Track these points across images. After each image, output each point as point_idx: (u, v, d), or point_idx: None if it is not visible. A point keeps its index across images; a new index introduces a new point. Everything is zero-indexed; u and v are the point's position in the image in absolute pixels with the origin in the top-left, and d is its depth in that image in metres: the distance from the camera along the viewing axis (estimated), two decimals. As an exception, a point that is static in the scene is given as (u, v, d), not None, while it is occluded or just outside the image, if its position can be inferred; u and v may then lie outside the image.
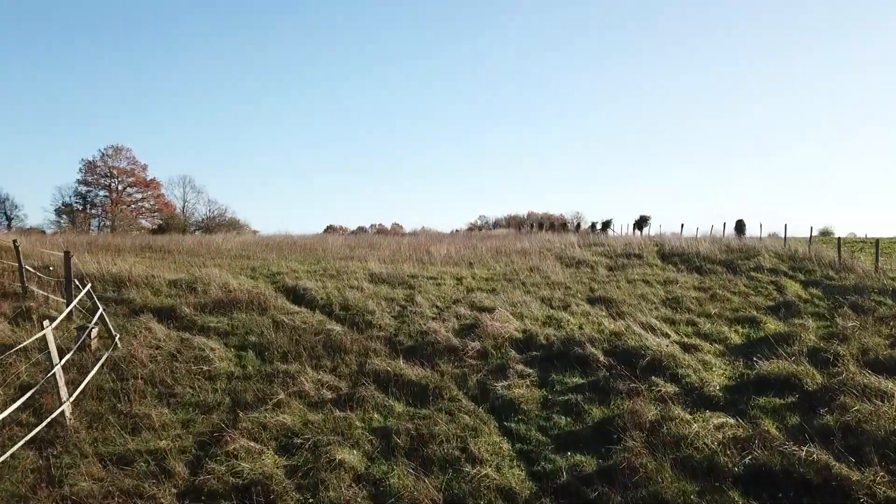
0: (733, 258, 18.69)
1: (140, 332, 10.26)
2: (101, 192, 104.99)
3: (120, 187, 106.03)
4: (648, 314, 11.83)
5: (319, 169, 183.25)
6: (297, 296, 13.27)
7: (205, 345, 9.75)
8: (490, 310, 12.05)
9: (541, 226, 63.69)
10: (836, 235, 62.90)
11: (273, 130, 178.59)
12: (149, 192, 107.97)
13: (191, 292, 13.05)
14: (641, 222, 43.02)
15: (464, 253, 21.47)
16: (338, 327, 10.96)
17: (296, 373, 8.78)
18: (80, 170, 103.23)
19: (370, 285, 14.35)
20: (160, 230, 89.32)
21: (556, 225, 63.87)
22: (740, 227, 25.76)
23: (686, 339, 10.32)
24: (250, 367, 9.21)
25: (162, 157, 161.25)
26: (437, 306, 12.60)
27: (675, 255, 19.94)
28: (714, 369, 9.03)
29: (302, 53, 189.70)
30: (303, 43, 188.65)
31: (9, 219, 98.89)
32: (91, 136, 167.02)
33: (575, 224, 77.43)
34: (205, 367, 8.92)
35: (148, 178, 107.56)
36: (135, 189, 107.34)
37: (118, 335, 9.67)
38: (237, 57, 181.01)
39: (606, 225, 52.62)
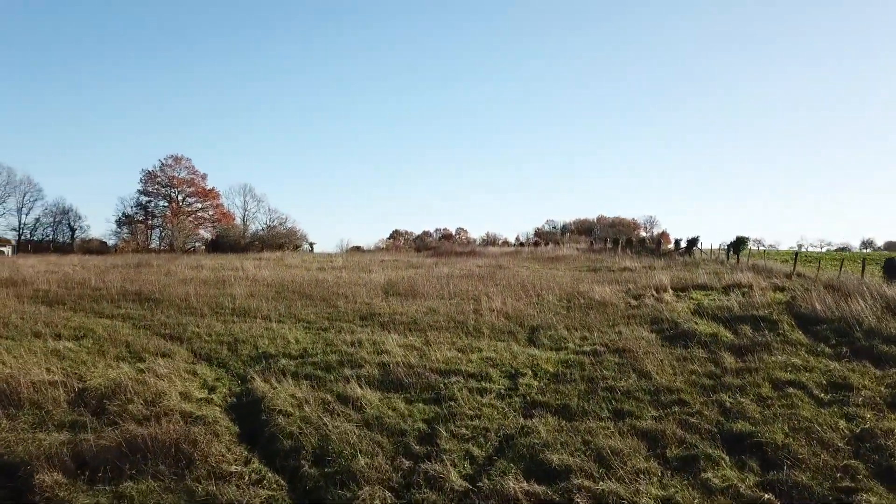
0: (916, 332, 12.87)
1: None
2: (162, 202, 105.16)
3: (180, 197, 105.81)
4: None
5: (387, 171, 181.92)
6: (256, 425, 8.56)
7: None
8: (562, 475, 7.01)
9: (615, 241, 57.38)
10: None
11: (340, 135, 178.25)
12: (208, 202, 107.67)
13: (97, 417, 8.53)
14: (738, 244, 36.62)
15: (524, 309, 16.37)
16: (288, 526, 6.16)
17: None
18: (141, 180, 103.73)
19: (376, 395, 9.49)
20: (215, 244, 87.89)
21: (633, 241, 57.45)
22: (892, 268, 19.47)
23: None
24: None
25: (222, 166, 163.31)
26: (471, 457, 7.60)
27: (820, 322, 14.22)
28: None
29: (370, 59, 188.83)
30: (369, 49, 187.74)
31: (72, 230, 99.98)
32: (155, 145, 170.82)
33: (653, 237, 70.60)
34: None
35: (207, 188, 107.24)
36: (194, 199, 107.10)
37: None
38: (299, 65, 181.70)
39: (693, 243, 46.21)
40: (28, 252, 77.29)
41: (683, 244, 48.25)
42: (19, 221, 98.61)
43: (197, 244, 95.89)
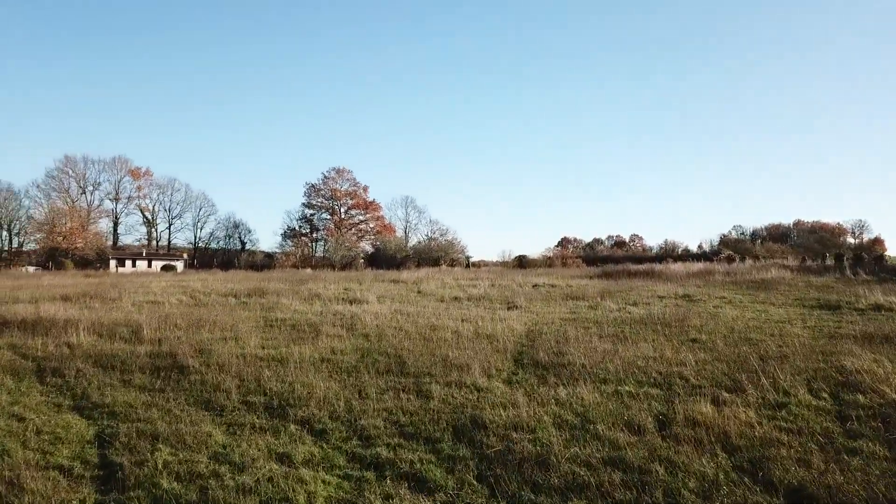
0: None
1: None
2: (325, 215, 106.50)
3: (342, 210, 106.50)
4: None
5: (557, 174, 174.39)
6: None
7: None
8: None
9: (838, 257, 44.80)
10: None
11: (506, 139, 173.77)
12: (369, 214, 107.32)
13: None
14: None
15: (758, 424, 8.80)
16: None
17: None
18: (305, 193, 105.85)
19: None
20: (372, 258, 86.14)
21: (864, 258, 44.63)
22: None
23: None
24: None
25: (385, 178, 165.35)
26: None
27: None
28: None
29: (534, 56, 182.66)
30: (530, 48, 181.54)
31: (242, 243, 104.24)
32: (321, 158, 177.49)
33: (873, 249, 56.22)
34: None
35: (368, 200, 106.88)
36: (356, 211, 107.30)
37: None
38: (458, 73, 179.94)
39: (963, 263, 33.87)
40: (194, 267, 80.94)
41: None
42: (195, 235, 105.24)
43: (358, 254, 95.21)
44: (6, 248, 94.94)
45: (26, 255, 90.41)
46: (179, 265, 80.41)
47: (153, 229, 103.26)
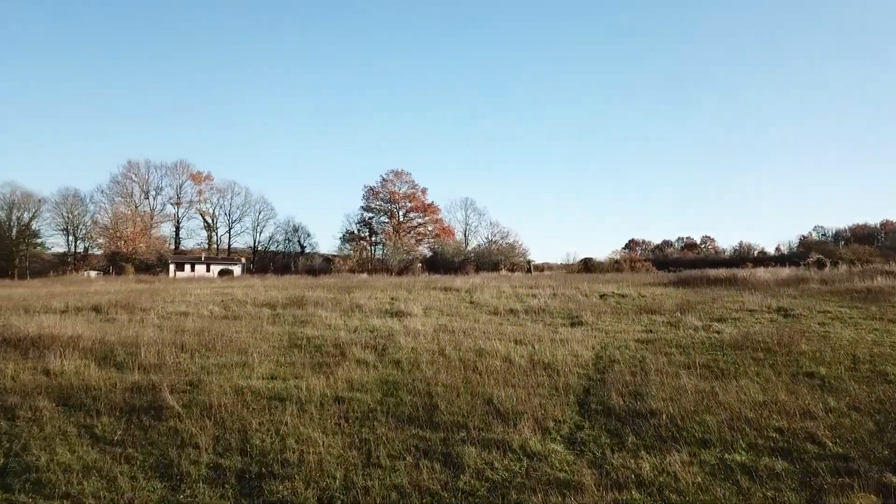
0: None
1: None
2: (383, 218, 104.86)
3: (400, 213, 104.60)
4: None
5: (624, 175, 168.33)
6: None
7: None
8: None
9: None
10: None
11: (566, 139, 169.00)
12: (427, 217, 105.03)
13: None
14: None
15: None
16: None
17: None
18: (363, 196, 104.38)
19: None
20: (431, 261, 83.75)
21: None
22: None
23: None
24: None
25: (443, 180, 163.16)
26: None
27: None
28: None
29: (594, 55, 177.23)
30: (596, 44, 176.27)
31: (301, 247, 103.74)
32: (379, 161, 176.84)
33: None
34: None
35: (427, 202, 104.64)
36: (415, 214, 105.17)
37: None
38: (516, 74, 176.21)
39: None
40: (251, 271, 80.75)
41: None
42: (254, 239, 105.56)
43: (416, 257, 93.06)
44: (72, 253, 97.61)
45: (90, 260, 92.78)
46: (237, 269, 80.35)
47: (213, 233, 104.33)
